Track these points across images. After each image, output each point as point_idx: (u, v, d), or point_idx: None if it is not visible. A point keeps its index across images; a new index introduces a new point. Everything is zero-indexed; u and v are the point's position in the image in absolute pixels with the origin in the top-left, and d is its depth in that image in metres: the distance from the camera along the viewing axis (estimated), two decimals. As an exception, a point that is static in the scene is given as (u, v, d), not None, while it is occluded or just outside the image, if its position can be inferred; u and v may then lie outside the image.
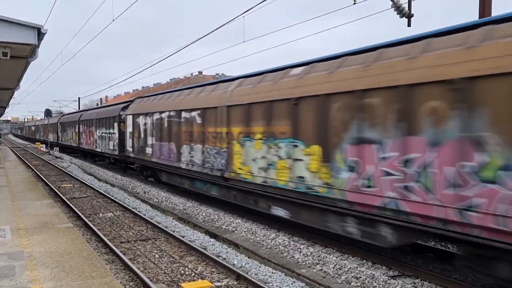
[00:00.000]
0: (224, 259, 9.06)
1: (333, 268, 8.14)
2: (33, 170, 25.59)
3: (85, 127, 32.34)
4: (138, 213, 13.35)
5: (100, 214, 13.76)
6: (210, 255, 9.01)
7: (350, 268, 8.00)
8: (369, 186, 7.82)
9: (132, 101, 22.82)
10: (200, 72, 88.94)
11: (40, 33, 10.90)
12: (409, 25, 12.90)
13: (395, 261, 8.51)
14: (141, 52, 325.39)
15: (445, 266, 8.30)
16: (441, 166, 6.59)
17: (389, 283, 7.31)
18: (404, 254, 9.06)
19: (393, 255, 8.97)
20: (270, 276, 8.00)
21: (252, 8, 12.98)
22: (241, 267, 8.57)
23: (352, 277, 7.70)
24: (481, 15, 10.79)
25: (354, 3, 13.08)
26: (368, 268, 8.16)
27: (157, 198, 16.25)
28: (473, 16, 11.08)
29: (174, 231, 11.25)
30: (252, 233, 10.68)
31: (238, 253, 9.55)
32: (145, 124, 18.78)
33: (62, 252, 7.51)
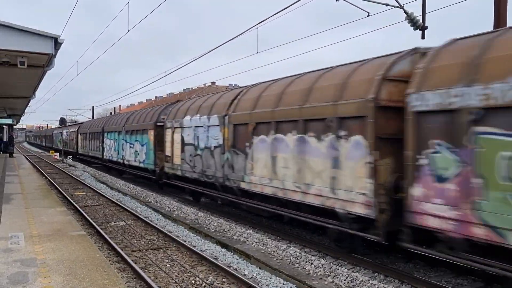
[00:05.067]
0: (235, 269, 9.04)
1: (345, 280, 8.07)
2: (47, 178, 25.85)
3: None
4: (149, 222, 13.40)
5: (112, 222, 13.84)
6: (221, 265, 9.00)
7: (362, 280, 7.92)
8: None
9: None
10: (213, 83, 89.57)
11: (57, 43, 11.12)
12: (423, 37, 12.88)
13: (408, 274, 8.40)
14: (157, 61, 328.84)
15: (459, 280, 8.17)
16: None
17: (402, 297, 7.21)
18: (417, 268, 8.95)
19: (406, 268, 8.87)
20: (281, 288, 7.96)
21: (266, 19, 13.08)
22: (252, 277, 8.53)
23: (364, 290, 7.61)
24: (496, 26, 10.74)
25: (368, 15, 13.12)
26: (380, 281, 8.06)
27: (168, 207, 16.29)
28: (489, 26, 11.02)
29: (185, 241, 11.26)
30: (264, 243, 10.64)
31: (249, 264, 9.52)
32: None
33: (74, 260, 7.55)
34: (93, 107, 65.39)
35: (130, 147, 23.65)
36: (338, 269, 8.54)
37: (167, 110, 19.88)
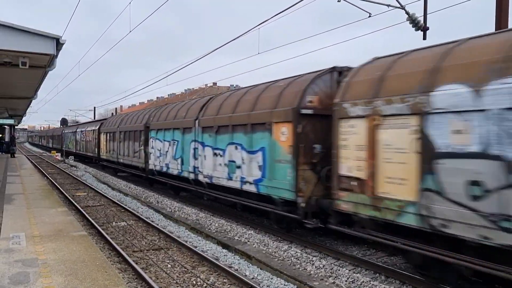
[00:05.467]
0: (236, 270, 9.03)
1: (346, 281, 8.06)
2: (48, 178, 25.87)
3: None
4: (151, 222, 13.39)
5: (114, 223, 13.84)
6: (222, 265, 8.99)
7: (363, 281, 7.91)
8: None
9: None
10: (214, 83, 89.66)
11: (58, 43, 11.12)
12: (424, 38, 12.87)
13: (409, 275, 8.38)
14: (157, 62, 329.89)
15: (460, 281, 8.15)
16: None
17: (403, 298, 7.19)
18: (418, 269, 8.92)
19: (407, 269, 8.85)
20: (282, 288, 7.95)
21: (268, 19, 13.07)
22: (253, 278, 8.53)
23: (365, 291, 7.60)
24: (497, 26, 10.73)
25: (370, 16, 13.11)
26: (381, 282, 8.05)
27: (170, 208, 16.29)
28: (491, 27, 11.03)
29: (186, 241, 11.25)
30: (265, 244, 10.63)
31: (250, 264, 9.52)
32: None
33: (75, 260, 7.55)
34: (94, 107, 65.51)
35: (216, 154, 14.42)
36: (339, 270, 8.53)
37: (320, 81, 10.90)
